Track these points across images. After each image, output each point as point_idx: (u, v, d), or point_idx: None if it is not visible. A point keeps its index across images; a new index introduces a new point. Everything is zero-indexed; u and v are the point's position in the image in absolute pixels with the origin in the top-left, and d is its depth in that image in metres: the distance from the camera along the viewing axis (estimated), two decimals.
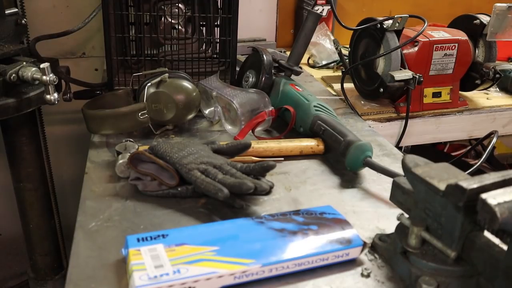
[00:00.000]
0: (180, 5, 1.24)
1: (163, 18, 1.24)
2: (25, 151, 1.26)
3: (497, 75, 1.28)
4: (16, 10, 1.14)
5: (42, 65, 0.97)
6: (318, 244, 0.62)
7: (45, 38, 1.25)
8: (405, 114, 1.24)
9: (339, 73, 1.53)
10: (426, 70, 1.25)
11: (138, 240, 0.61)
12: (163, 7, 1.23)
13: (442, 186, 0.56)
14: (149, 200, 0.77)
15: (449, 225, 0.56)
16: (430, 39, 1.23)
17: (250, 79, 1.13)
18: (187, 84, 1.00)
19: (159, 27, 1.24)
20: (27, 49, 1.16)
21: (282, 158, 0.92)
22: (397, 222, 0.64)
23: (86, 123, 0.97)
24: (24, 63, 1.03)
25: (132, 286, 0.54)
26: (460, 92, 1.36)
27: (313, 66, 1.63)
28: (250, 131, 0.97)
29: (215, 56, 1.30)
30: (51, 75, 0.97)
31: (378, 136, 1.06)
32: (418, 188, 0.60)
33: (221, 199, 0.72)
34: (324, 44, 1.62)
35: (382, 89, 1.21)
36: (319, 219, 0.67)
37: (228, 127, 1.03)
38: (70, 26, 1.31)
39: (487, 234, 0.56)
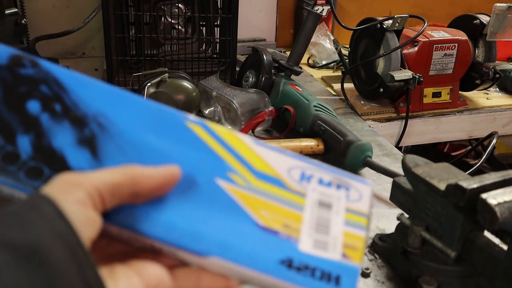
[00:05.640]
0: (180, 5, 1.23)
1: (163, 18, 1.24)
2: None
3: (497, 75, 1.28)
4: (16, 10, 1.14)
5: None
6: None
7: (45, 38, 1.25)
8: (405, 114, 1.24)
9: (339, 73, 1.53)
10: (426, 70, 1.25)
11: None
12: (163, 7, 1.23)
13: (442, 186, 0.56)
14: None
15: (449, 225, 0.56)
16: (430, 39, 1.23)
17: (250, 79, 1.13)
18: (187, 84, 1.00)
19: (159, 27, 1.24)
20: (27, 49, 1.16)
21: None
22: (397, 222, 0.64)
23: None
24: None
25: None
26: (460, 92, 1.36)
27: (313, 66, 1.63)
28: (250, 131, 0.97)
29: (215, 56, 1.30)
30: None
31: (378, 136, 1.06)
32: (418, 188, 0.60)
33: None
34: (324, 44, 1.62)
35: (382, 89, 1.21)
36: None
37: (228, 127, 1.03)
38: (70, 26, 1.31)
39: (487, 234, 0.56)
